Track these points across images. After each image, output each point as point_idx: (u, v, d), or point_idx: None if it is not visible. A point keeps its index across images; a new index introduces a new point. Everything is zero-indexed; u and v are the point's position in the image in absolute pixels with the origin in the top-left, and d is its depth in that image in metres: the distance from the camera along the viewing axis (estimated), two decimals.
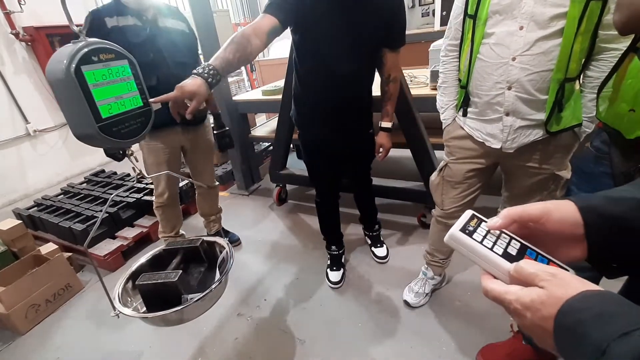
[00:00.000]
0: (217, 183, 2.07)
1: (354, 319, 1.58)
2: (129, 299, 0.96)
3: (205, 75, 0.91)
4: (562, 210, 0.41)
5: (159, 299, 0.86)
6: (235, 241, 2.25)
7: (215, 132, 1.81)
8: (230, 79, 3.61)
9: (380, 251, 1.94)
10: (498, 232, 0.43)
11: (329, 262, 1.86)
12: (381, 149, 1.53)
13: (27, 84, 3.42)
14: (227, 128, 1.83)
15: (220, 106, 2.54)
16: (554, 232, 0.41)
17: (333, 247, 1.85)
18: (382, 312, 1.60)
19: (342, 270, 1.83)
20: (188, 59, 1.59)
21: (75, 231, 2.15)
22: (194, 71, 0.92)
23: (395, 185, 2.13)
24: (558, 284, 0.33)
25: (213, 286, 0.88)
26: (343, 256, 1.90)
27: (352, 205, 1.98)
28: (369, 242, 2.01)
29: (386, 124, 1.48)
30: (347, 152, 1.58)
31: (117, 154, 1.49)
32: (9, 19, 3.17)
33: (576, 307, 0.31)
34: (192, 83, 0.89)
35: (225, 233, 2.23)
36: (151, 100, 0.84)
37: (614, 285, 0.53)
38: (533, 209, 0.41)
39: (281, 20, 1.11)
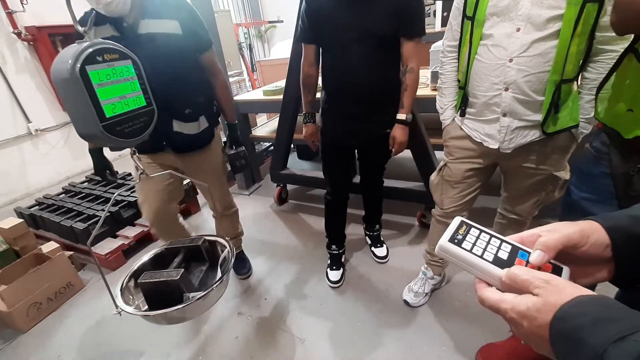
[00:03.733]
0: (234, 209, 1.78)
1: (354, 318, 1.59)
2: (131, 297, 0.97)
3: (305, 120, 1.58)
4: (596, 233, 0.39)
5: (161, 297, 0.87)
6: (244, 273, 1.94)
7: (229, 153, 1.56)
8: (231, 79, 3.61)
9: (381, 251, 1.94)
10: (488, 236, 0.43)
11: (328, 261, 1.87)
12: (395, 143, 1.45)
13: (29, 83, 3.43)
14: (243, 147, 1.58)
15: None
16: (587, 255, 0.39)
17: (333, 247, 1.86)
18: (382, 311, 1.61)
19: (341, 269, 1.84)
20: (179, 72, 1.26)
21: (77, 230, 2.16)
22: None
23: (395, 186, 2.14)
24: (552, 291, 0.33)
25: (215, 285, 0.89)
26: (343, 256, 1.91)
27: (353, 206, 1.98)
28: (369, 242, 2.02)
29: (400, 116, 1.40)
30: (361, 144, 1.56)
31: (106, 174, 1.37)
32: (11, 18, 3.18)
33: (571, 313, 0.31)
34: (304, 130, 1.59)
35: (241, 259, 1.99)
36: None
37: (610, 288, 0.53)
38: (574, 234, 0.39)
39: (315, 40, 1.42)
